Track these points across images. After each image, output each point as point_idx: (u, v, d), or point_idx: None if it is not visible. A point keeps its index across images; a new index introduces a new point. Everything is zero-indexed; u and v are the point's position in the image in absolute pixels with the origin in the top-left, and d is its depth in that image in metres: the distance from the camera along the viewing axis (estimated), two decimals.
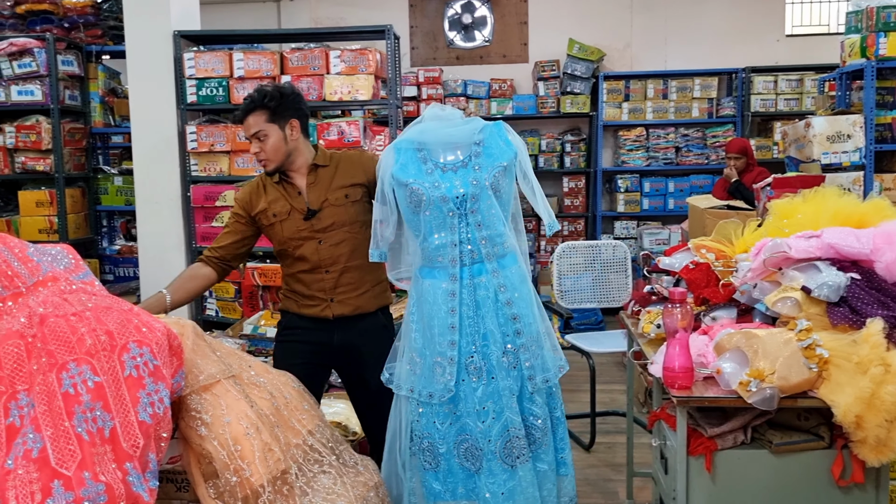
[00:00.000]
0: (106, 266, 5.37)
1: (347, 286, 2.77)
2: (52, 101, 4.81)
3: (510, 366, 2.41)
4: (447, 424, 2.43)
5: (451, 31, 7.92)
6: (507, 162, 2.46)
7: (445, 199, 2.40)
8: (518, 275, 2.49)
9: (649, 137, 7.47)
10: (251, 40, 5.04)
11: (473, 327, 2.42)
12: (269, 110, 2.69)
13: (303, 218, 2.74)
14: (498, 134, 2.50)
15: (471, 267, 2.43)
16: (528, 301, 2.48)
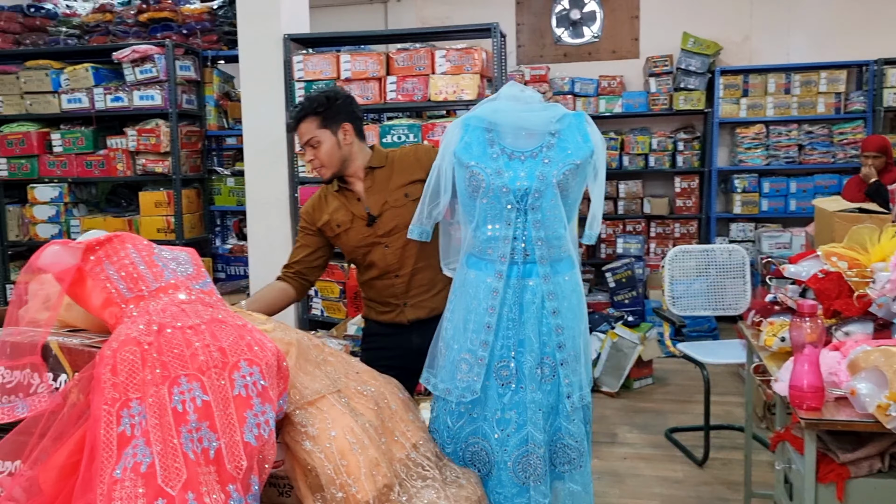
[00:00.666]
0: (218, 264, 5.54)
1: (420, 288, 2.69)
2: (171, 105, 5.00)
3: (544, 378, 2.20)
4: (459, 424, 2.26)
5: (559, 28, 7.75)
6: (580, 160, 2.21)
7: (506, 190, 2.18)
8: (571, 284, 2.26)
9: (769, 135, 7.06)
10: (358, 42, 5.07)
11: (511, 331, 2.21)
12: (319, 116, 2.63)
13: (365, 224, 2.67)
14: (577, 126, 2.26)
15: (521, 266, 2.21)
16: (577, 314, 2.27)
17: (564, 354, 2.21)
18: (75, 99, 5.10)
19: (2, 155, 5.19)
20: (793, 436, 2.24)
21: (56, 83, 5.12)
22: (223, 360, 1.65)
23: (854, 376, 2.07)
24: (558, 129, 2.23)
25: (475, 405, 2.23)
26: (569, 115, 2.28)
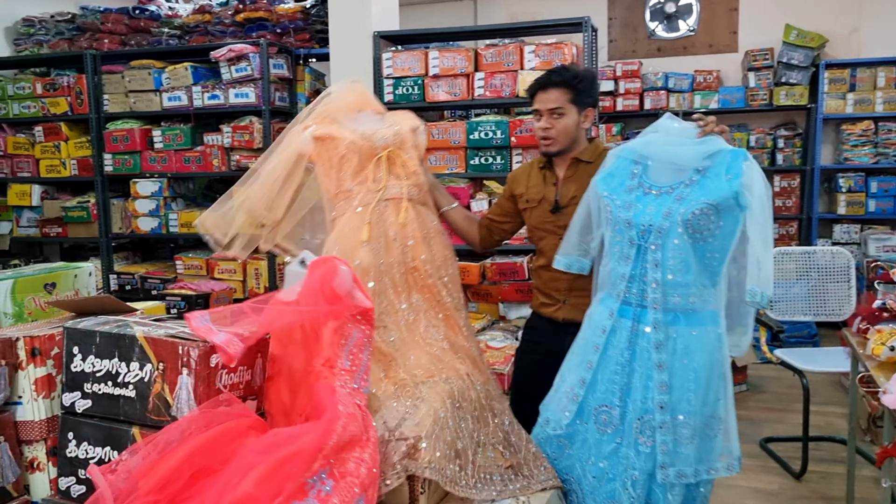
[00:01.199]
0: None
1: (582, 291, 2.57)
2: (264, 102, 5.12)
3: (641, 437, 2.02)
4: (554, 457, 2.16)
5: (653, 22, 7.55)
6: (716, 200, 1.99)
7: (630, 225, 2.07)
8: (697, 339, 2.02)
9: (878, 132, 6.67)
10: (446, 38, 5.06)
11: (619, 375, 2.07)
12: (574, 91, 2.58)
13: (550, 210, 2.68)
14: (727, 164, 2.05)
15: (637, 309, 2.07)
16: (698, 375, 2.01)
17: (665, 417, 2.00)
18: (175, 97, 5.29)
19: (107, 151, 5.44)
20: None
21: (158, 82, 5.33)
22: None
23: None
24: (707, 166, 2.06)
25: (571, 442, 2.14)
26: (724, 151, 2.09)
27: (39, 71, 5.75)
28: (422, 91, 4.59)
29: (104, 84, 5.44)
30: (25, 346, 2.04)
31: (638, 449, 2.03)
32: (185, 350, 1.84)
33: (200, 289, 4.77)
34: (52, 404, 2.08)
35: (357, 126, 2.60)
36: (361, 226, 2.50)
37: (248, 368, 1.99)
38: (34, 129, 5.63)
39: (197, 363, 1.83)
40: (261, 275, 5.20)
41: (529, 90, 2.69)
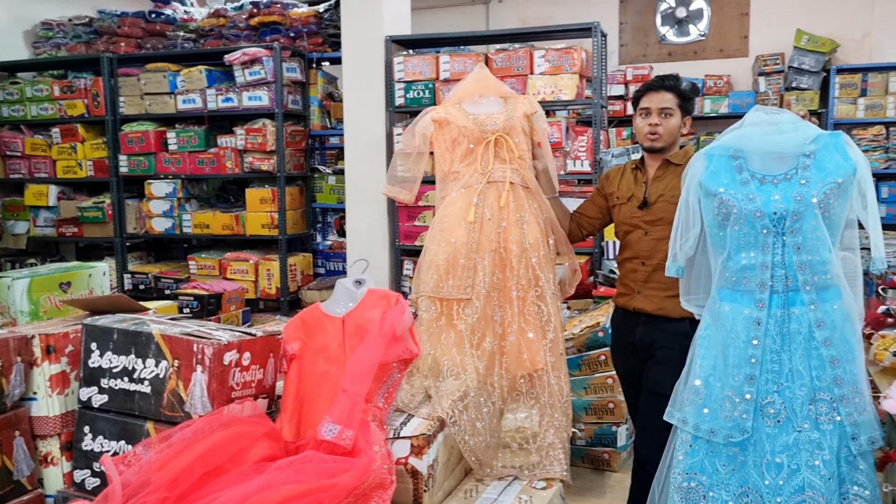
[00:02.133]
0: (318, 260, 5.71)
1: (657, 284, 2.74)
2: (277, 105, 5.18)
3: (821, 417, 2.05)
4: (728, 469, 2.12)
5: (664, 27, 7.57)
6: (842, 178, 2.09)
7: (760, 215, 2.11)
8: (841, 312, 2.10)
9: (889, 137, 6.65)
10: (457, 42, 5.11)
11: (777, 363, 2.09)
12: (682, 98, 2.78)
13: (637, 206, 2.82)
14: (835, 146, 2.15)
15: (784, 295, 2.10)
16: (851, 345, 2.10)
17: (844, 390, 2.05)
18: (190, 99, 5.36)
19: (123, 152, 5.52)
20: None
21: (173, 84, 5.40)
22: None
23: None
24: (813, 150, 2.15)
25: (743, 448, 2.12)
26: (824, 135, 2.18)
27: (57, 73, 5.84)
28: (432, 95, 4.64)
29: (120, 86, 5.52)
30: (41, 344, 2.10)
31: (821, 429, 2.05)
32: (199, 348, 1.89)
33: (213, 289, 4.83)
34: (67, 400, 2.14)
35: (478, 109, 2.93)
36: (466, 206, 2.83)
37: (261, 367, 2.04)
38: (51, 131, 5.72)
39: (211, 361, 1.88)
40: (273, 275, 5.26)
41: (638, 91, 2.86)
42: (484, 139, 2.84)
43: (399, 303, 2.03)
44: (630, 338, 2.82)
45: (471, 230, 2.79)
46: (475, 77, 3.02)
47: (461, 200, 2.85)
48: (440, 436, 2.10)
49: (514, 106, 2.95)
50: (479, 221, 2.79)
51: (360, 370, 1.90)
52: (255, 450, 1.80)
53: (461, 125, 2.87)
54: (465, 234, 2.78)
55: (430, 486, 2.06)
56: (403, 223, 4.82)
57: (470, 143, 2.86)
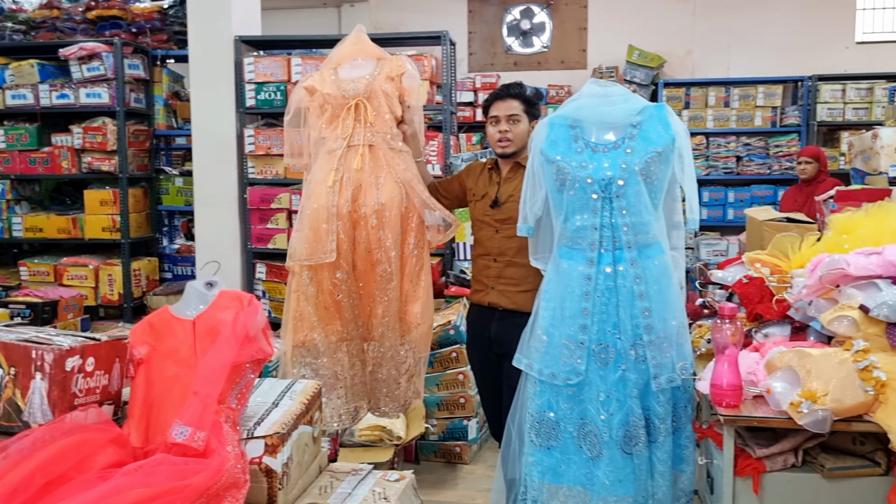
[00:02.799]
0: (165, 265, 5.51)
1: (509, 280, 2.89)
2: (119, 103, 4.96)
3: (638, 359, 2.33)
4: (570, 406, 2.38)
5: (510, 37, 7.90)
6: (662, 147, 2.34)
7: (591, 181, 2.34)
8: (660, 268, 2.37)
9: (709, 146, 7.30)
10: (309, 45, 5.11)
11: (606, 314, 2.35)
12: (527, 103, 2.92)
13: (490, 204, 2.95)
14: (658, 117, 2.39)
15: (611, 253, 2.36)
16: (666, 297, 2.37)
17: (652, 336, 2.33)
18: (20, 95, 5.03)
19: None
20: (714, 432, 2.37)
21: (1, 79, 5.04)
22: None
23: (770, 376, 2.20)
24: (640, 121, 2.38)
25: (581, 388, 2.36)
26: (650, 106, 2.42)
27: None
28: (284, 97, 4.61)
29: None
30: None
31: (638, 369, 2.34)
32: (38, 354, 1.81)
33: (48, 296, 4.56)
34: None
35: (351, 73, 3.02)
36: (328, 170, 2.89)
37: (106, 373, 1.98)
38: None
39: (51, 367, 1.81)
40: (115, 281, 5.03)
41: (486, 100, 3.00)
42: (346, 104, 2.92)
43: (252, 303, 2.04)
44: (485, 333, 2.95)
45: (330, 194, 2.86)
46: (352, 40, 3.09)
47: (325, 165, 2.93)
48: (294, 434, 2.12)
49: (380, 68, 3.02)
50: (337, 185, 2.86)
51: (212, 371, 1.89)
52: (101, 457, 1.75)
53: (325, 92, 2.95)
54: (325, 198, 2.86)
55: (284, 484, 2.08)
56: (256, 226, 4.76)
57: (334, 109, 2.95)
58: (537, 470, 2.41)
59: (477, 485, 3.67)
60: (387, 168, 2.92)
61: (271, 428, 2.07)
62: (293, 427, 2.14)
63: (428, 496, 3.40)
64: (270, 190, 4.70)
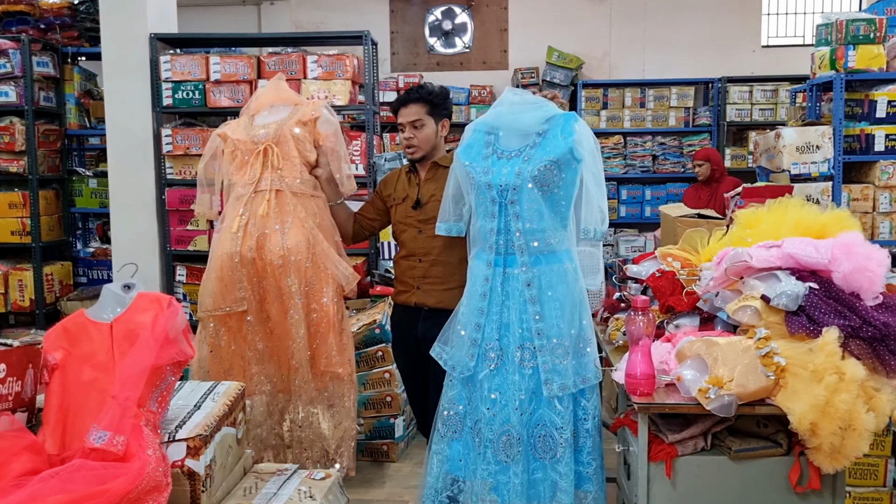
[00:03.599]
0: (79, 269, 5.33)
1: (435, 279, 2.93)
2: (27, 102, 4.78)
3: (523, 362, 2.40)
4: (469, 400, 2.49)
5: (432, 38, 7.95)
6: (556, 157, 2.40)
7: (490, 186, 2.44)
8: (556, 274, 2.44)
9: (627, 145, 7.53)
10: (228, 44, 5.04)
11: (498, 315, 2.44)
12: (430, 104, 2.94)
13: (412, 206, 2.99)
14: (563, 125, 2.45)
15: (505, 257, 2.46)
16: (562, 303, 2.43)
17: (543, 342, 2.40)
18: None
19: None
20: (630, 420, 2.46)
21: None
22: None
23: (681, 364, 2.30)
24: (545, 129, 2.46)
25: (472, 382, 2.47)
26: (559, 115, 2.49)
27: None
28: (203, 96, 4.54)
29: None
30: None
31: (522, 373, 2.40)
32: None
33: None
34: None
35: (266, 119, 3.06)
36: (234, 216, 2.92)
37: (18, 379, 1.93)
38: None
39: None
40: (26, 286, 4.84)
41: (392, 108, 3.01)
42: (255, 150, 2.96)
43: (172, 305, 2.02)
44: (412, 333, 2.99)
45: (234, 240, 2.90)
46: (271, 87, 3.16)
47: (232, 211, 2.96)
48: (217, 436, 2.11)
49: (293, 113, 3.06)
50: (241, 231, 2.90)
51: (131, 375, 1.86)
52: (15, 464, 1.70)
53: (236, 138, 2.98)
54: (230, 245, 2.90)
55: (207, 486, 2.06)
56: (175, 227, 4.66)
57: (243, 154, 2.98)
58: (437, 460, 2.51)
59: (405, 482, 3.70)
60: (293, 214, 2.94)
61: (193, 430, 2.05)
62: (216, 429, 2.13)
63: (356, 495, 3.41)
64: (190, 191, 4.61)
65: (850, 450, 2.06)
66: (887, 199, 4.37)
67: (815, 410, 2.04)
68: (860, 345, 2.16)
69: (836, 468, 2.11)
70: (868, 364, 2.14)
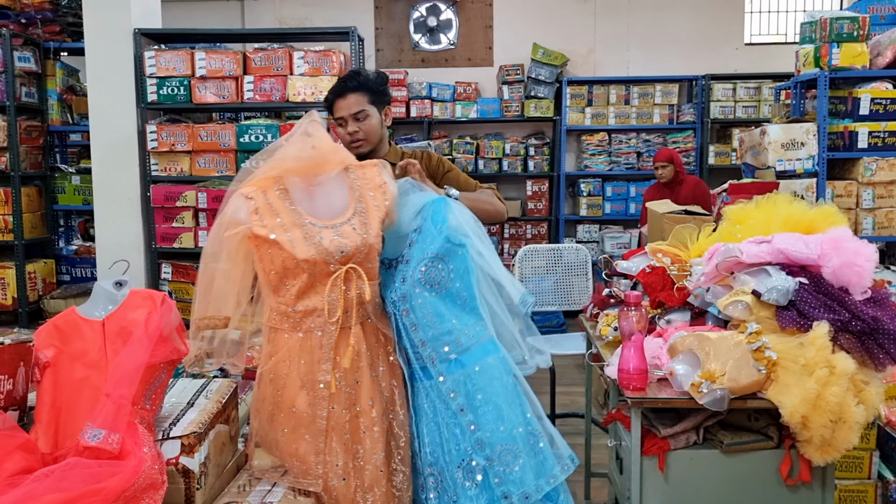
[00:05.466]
0: (62, 266, 5.28)
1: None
2: (8, 98, 4.73)
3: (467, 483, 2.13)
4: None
5: (417, 34, 7.94)
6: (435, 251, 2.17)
7: (385, 302, 2.25)
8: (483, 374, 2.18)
9: (611, 142, 7.57)
10: (213, 39, 5.00)
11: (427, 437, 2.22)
12: (371, 93, 2.61)
13: None
14: (432, 214, 2.22)
15: (420, 370, 2.23)
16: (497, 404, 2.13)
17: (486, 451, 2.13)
18: None
19: None
20: (623, 415, 2.47)
21: None
22: None
23: (673, 359, 2.32)
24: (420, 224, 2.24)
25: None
26: (428, 203, 2.24)
27: None
28: (188, 92, 4.50)
29: None
30: None
31: (468, 495, 2.08)
32: None
33: None
34: None
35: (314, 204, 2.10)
36: (309, 363, 2.09)
37: (10, 377, 1.91)
38: None
39: None
40: (8, 285, 4.79)
41: (326, 101, 2.66)
42: (330, 272, 2.05)
43: (166, 302, 2.00)
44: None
45: (318, 399, 2.09)
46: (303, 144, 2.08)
47: (299, 353, 2.10)
48: (211, 433, 2.10)
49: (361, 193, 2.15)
50: (326, 385, 2.09)
51: (125, 373, 1.84)
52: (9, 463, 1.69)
53: (300, 258, 2.01)
54: (309, 406, 2.09)
55: (202, 483, 2.05)
56: (161, 224, 4.63)
57: (312, 277, 2.05)
58: None
59: None
60: (382, 349, 2.21)
61: (188, 428, 2.04)
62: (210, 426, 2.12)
63: None
64: (175, 187, 4.58)
65: (841, 442, 2.09)
66: (870, 195, 4.43)
67: (807, 404, 2.06)
68: (849, 339, 2.18)
69: (827, 461, 2.13)
70: (857, 358, 2.17)
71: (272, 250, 2.03)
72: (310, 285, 2.07)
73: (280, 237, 2.01)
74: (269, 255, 2.04)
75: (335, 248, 2.04)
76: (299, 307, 2.08)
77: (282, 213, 2.05)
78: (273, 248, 2.03)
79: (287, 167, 2.08)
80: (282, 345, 2.12)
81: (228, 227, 2.03)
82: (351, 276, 2.07)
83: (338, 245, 2.04)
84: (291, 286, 2.07)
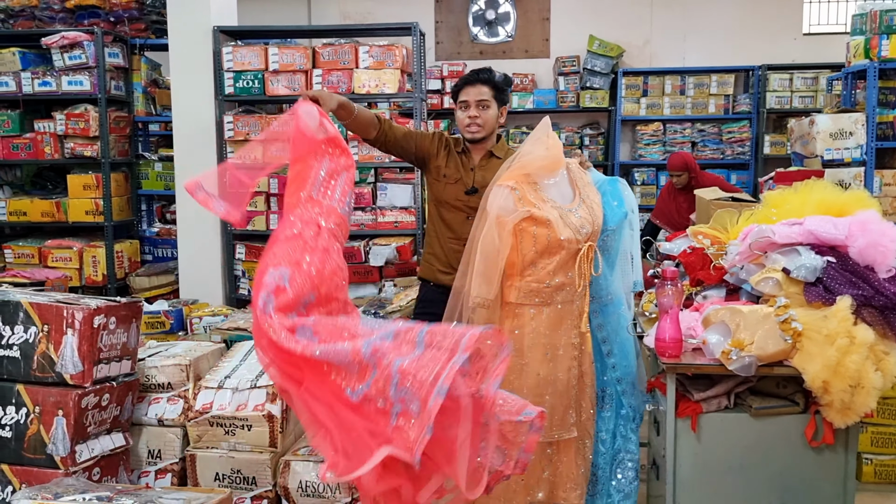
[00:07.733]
0: (145, 247, 5.70)
1: None
2: (100, 90, 5.13)
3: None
4: None
5: (475, 27, 8.16)
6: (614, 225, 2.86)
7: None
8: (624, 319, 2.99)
9: (666, 132, 7.67)
10: (285, 35, 5.32)
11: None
12: (495, 89, 2.95)
13: (465, 191, 2.97)
14: (610, 192, 2.88)
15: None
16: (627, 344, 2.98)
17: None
18: (2, 82, 5.16)
19: None
20: (660, 382, 2.69)
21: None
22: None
23: (706, 329, 2.53)
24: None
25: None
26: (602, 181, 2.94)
27: None
28: (262, 85, 4.83)
29: None
30: None
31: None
32: (69, 313, 2.07)
33: (34, 277, 4.73)
34: None
35: (559, 194, 2.62)
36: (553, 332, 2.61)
37: (126, 331, 2.24)
38: None
39: (81, 324, 2.06)
40: (99, 262, 5.21)
41: (456, 85, 3.00)
42: (577, 250, 2.59)
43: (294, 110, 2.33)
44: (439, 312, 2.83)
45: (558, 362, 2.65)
46: (545, 143, 2.63)
47: (546, 324, 2.63)
48: None
49: (581, 185, 2.74)
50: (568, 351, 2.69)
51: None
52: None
53: (563, 237, 2.53)
54: (549, 370, 2.64)
55: (284, 428, 2.36)
56: None
57: (567, 253, 2.57)
58: None
59: None
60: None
61: None
62: None
63: None
64: None
65: (860, 406, 2.27)
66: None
67: (827, 370, 2.25)
68: (872, 313, 2.36)
69: (847, 423, 2.32)
70: (879, 330, 2.34)
71: (539, 230, 2.55)
72: (564, 261, 2.57)
73: (553, 218, 2.52)
74: (533, 235, 2.56)
75: (583, 228, 2.58)
76: (553, 282, 2.59)
77: (539, 201, 2.57)
78: (541, 228, 2.54)
79: (538, 165, 2.60)
80: (527, 319, 2.62)
81: (500, 212, 2.53)
82: (588, 252, 2.61)
83: (583, 225, 2.59)
84: (547, 264, 2.58)
